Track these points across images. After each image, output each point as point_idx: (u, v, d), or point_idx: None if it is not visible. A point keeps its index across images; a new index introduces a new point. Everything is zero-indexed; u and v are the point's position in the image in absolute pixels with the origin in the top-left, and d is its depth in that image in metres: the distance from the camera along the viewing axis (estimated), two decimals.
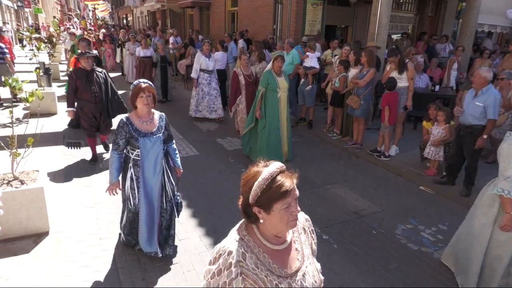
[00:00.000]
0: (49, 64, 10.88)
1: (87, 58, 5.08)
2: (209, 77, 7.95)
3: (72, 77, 5.12)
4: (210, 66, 7.92)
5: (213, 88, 8.01)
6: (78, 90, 5.11)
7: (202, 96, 7.99)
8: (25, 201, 3.58)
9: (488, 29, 12.39)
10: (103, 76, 5.30)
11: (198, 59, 7.93)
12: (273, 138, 5.70)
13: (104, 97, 5.30)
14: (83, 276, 3.18)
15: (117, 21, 40.55)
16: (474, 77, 4.55)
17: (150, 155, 3.13)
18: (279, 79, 5.59)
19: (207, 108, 8.02)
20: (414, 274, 3.42)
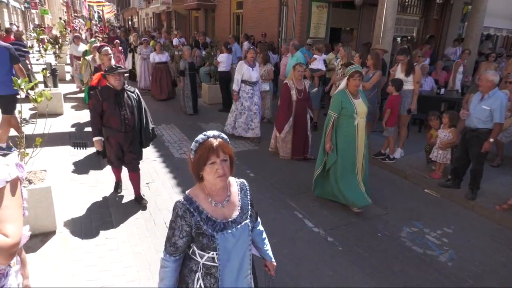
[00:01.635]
0: (56, 65, 10.98)
1: (118, 75, 3.96)
2: (251, 89, 6.89)
3: (98, 98, 4.01)
4: (253, 77, 6.84)
5: (254, 103, 6.93)
6: (104, 115, 4.05)
7: (241, 111, 6.95)
8: (33, 200, 3.62)
9: (494, 32, 12.35)
10: (135, 98, 4.19)
11: (240, 68, 6.84)
12: (348, 175, 4.49)
13: (137, 125, 4.22)
14: (90, 275, 3.21)
15: (122, 22, 40.80)
16: (481, 80, 4.55)
17: (233, 256, 1.83)
18: (356, 102, 4.36)
19: (244, 125, 6.99)
20: (418, 277, 3.42)
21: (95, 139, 4.19)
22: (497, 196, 4.94)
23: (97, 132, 4.17)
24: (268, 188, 5.12)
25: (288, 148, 6.12)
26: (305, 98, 5.99)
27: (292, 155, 6.14)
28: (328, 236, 4.02)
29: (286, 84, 5.96)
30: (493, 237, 4.18)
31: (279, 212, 4.50)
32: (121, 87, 4.04)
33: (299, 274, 3.37)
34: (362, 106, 4.41)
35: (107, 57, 5.46)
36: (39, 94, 3.92)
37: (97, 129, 4.16)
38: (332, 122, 4.44)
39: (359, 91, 4.46)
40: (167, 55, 10.49)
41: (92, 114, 4.13)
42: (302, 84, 6.00)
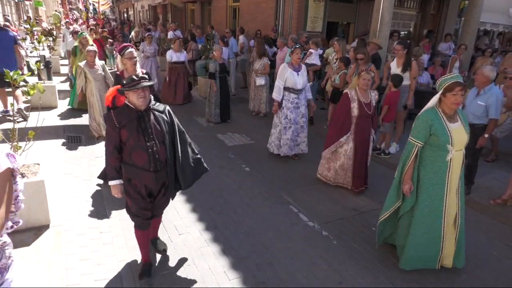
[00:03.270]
0: (50, 57, 10.86)
1: (142, 90, 2.77)
2: (296, 98, 5.57)
3: (113, 124, 2.79)
4: (299, 83, 5.50)
5: (301, 115, 5.67)
6: (124, 148, 2.85)
7: (286, 125, 5.64)
8: (26, 194, 3.56)
9: (491, 28, 12.37)
10: (166, 119, 2.96)
11: (282, 73, 5.50)
12: (428, 228, 3.29)
13: (171, 158, 2.97)
14: (84, 270, 3.20)
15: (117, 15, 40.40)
16: (477, 75, 4.55)
17: None
18: (453, 127, 3.11)
19: (290, 142, 5.70)
20: (413, 271, 3.43)
21: (112, 184, 2.92)
22: (491, 191, 4.98)
23: (114, 173, 2.90)
24: (263, 183, 5.12)
25: (348, 177, 4.88)
26: (370, 114, 4.66)
27: (352, 185, 4.89)
28: (323, 230, 4.03)
29: (346, 94, 4.71)
30: (487, 232, 4.21)
31: (274, 207, 4.50)
32: (146, 107, 2.83)
33: (294, 268, 3.38)
34: (461, 133, 3.11)
35: (131, 61, 4.22)
36: (32, 86, 3.88)
37: (114, 169, 2.89)
38: (415, 154, 3.20)
39: (458, 111, 3.19)
40: (185, 53, 9.38)
41: (106, 147, 2.87)
42: (368, 96, 4.68)
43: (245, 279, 3.21)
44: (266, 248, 3.66)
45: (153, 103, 2.94)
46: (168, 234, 3.80)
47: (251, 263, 3.43)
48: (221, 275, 3.25)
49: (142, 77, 2.77)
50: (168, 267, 3.32)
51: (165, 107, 3.01)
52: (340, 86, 6.79)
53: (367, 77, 4.58)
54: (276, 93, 5.61)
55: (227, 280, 3.19)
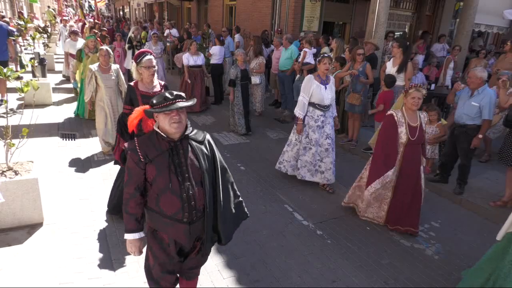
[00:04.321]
0: (44, 54, 10.77)
1: (177, 114, 2.08)
2: (322, 116, 4.79)
3: (137, 157, 2.11)
4: (326, 99, 4.72)
5: (326, 135, 4.84)
6: (150, 189, 2.17)
7: (306, 145, 4.86)
8: (19, 191, 3.56)
9: (485, 29, 12.47)
10: (206, 152, 2.26)
11: (308, 86, 4.71)
12: None
13: (209, 203, 2.21)
14: (77, 268, 3.18)
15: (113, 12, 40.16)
16: (469, 77, 4.58)
17: None
18: None
19: (310, 165, 4.89)
20: (406, 270, 3.46)
21: (129, 239, 2.19)
22: (484, 191, 5.03)
23: (133, 224, 2.18)
24: (258, 182, 5.12)
25: (383, 210, 4.12)
26: (419, 140, 3.88)
27: (386, 221, 4.13)
28: (317, 230, 4.04)
29: (391, 116, 3.86)
30: (480, 231, 4.25)
31: (269, 205, 4.50)
32: (181, 135, 2.15)
33: (288, 267, 3.39)
34: None
35: (149, 71, 3.48)
36: (26, 84, 3.85)
37: (133, 219, 2.17)
38: None
39: None
40: (203, 56, 8.60)
41: (126, 187, 2.14)
42: (416, 118, 3.86)
43: (239, 278, 3.22)
44: (260, 246, 3.67)
45: (190, 130, 2.22)
46: None
47: (245, 261, 3.43)
48: (216, 274, 3.25)
49: (178, 95, 2.08)
50: None
51: (205, 136, 2.31)
52: (336, 87, 6.80)
53: (417, 95, 3.73)
54: (299, 109, 4.79)
55: (221, 279, 3.20)
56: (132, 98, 3.57)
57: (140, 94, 3.54)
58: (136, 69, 3.51)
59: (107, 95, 5.41)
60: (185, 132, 2.18)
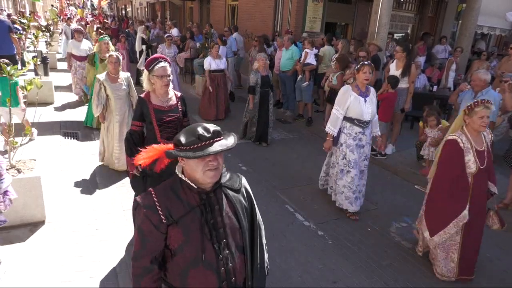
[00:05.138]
0: (47, 53, 10.80)
1: (215, 159, 1.53)
2: (361, 133, 4.15)
3: (156, 216, 1.52)
4: (366, 113, 4.06)
5: (364, 156, 4.25)
6: (169, 260, 1.60)
7: (343, 167, 4.20)
8: (22, 189, 3.57)
9: (488, 31, 12.46)
10: (245, 204, 1.75)
11: (343, 98, 4.09)
12: None
13: (254, 277, 1.71)
14: (79, 266, 3.19)
15: (115, 12, 40.20)
16: (473, 80, 4.58)
17: None
18: None
19: (348, 191, 4.20)
20: (406, 271, 3.47)
21: None
22: None
23: None
24: (260, 182, 5.13)
25: (452, 261, 3.27)
26: (488, 166, 3.23)
27: (459, 274, 3.30)
28: (318, 230, 4.05)
29: (455, 143, 3.12)
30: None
31: (271, 206, 4.51)
32: (214, 184, 1.61)
33: (289, 267, 3.40)
34: None
35: (162, 80, 3.00)
36: (29, 82, 3.87)
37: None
38: None
39: None
40: (225, 60, 8.04)
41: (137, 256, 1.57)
42: (482, 140, 3.19)
43: None
44: None
45: (224, 173, 1.69)
46: None
47: None
48: None
49: (216, 131, 1.55)
50: None
51: (241, 181, 1.76)
52: (337, 87, 6.81)
53: (486, 114, 3.01)
54: (331, 125, 4.14)
55: None
56: (144, 113, 3.05)
57: (153, 108, 3.03)
58: (147, 78, 3.02)
59: (117, 107, 4.85)
60: (220, 179, 1.61)
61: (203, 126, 1.54)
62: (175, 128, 3.08)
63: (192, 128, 1.54)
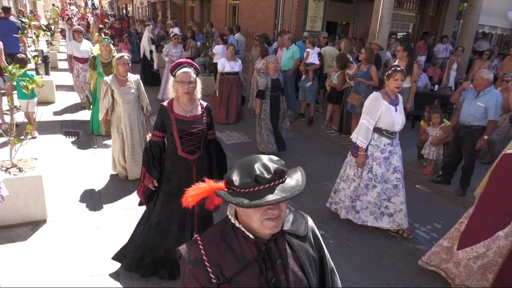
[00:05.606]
0: (48, 52, 10.81)
1: (278, 207, 1.19)
2: (390, 144, 3.85)
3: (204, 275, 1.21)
4: (397, 124, 3.79)
5: (393, 169, 3.88)
6: None
7: (368, 182, 3.89)
8: (23, 188, 3.59)
9: (489, 30, 12.43)
10: (312, 253, 1.43)
11: (374, 107, 3.75)
12: None
13: None
14: (81, 265, 3.20)
15: (116, 11, 40.21)
16: (476, 80, 4.56)
17: None
18: None
19: (374, 207, 3.91)
20: (408, 271, 3.46)
21: None
22: None
23: None
24: None
25: (486, 280, 2.97)
26: None
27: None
28: (319, 229, 4.02)
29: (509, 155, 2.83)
30: None
31: None
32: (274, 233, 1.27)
33: None
34: None
35: (183, 87, 2.74)
36: (30, 81, 3.87)
37: None
38: None
39: None
40: (241, 62, 7.71)
41: None
42: None
43: None
44: None
45: (287, 215, 1.40)
46: None
47: None
48: None
49: (279, 170, 1.21)
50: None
51: (306, 223, 1.49)
52: (338, 86, 6.82)
53: None
54: (362, 137, 3.79)
55: None
56: (165, 123, 2.81)
57: (174, 117, 2.78)
58: (172, 85, 2.80)
59: (125, 112, 4.53)
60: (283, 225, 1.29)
61: (262, 163, 1.21)
62: (198, 141, 2.85)
63: (248, 165, 1.22)
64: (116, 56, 4.56)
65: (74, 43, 7.80)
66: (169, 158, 2.85)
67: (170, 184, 2.87)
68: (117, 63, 4.46)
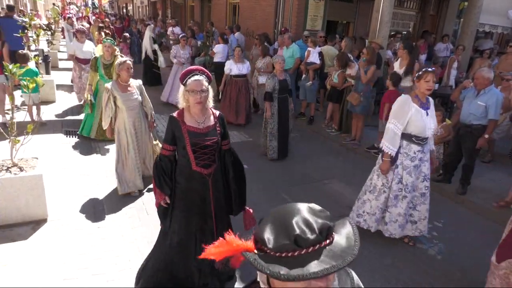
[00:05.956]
0: (48, 51, 10.81)
1: (325, 280, 0.93)
2: (421, 151, 3.53)
3: None
4: (429, 129, 3.48)
5: (422, 176, 3.61)
6: None
7: (398, 193, 3.61)
8: (24, 188, 3.59)
9: (489, 29, 12.42)
10: None
11: (403, 110, 3.44)
12: None
13: None
14: (81, 264, 3.20)
15: (117, 10, 40.19)
16: (476, 79, 4.56)
17: None
18: None
19: (402, 219, 3.66)
20: (408, 270, 3.47)
21: None
22: (487, 192, 5.02)
23: None
24: (261, 180, 5.13)
25: None
26: None
27: None
28: None
29: None
30: (482, 232, 4.24)
31: (272, 204, 4.51)
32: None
33: None
34: None
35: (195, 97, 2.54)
36: (31, 80, 3.87)
37: None
38: None
39: None
40: (248, 64, 7.51)
41: None
42: None
43: (241, 277, 3.23)
44: None
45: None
46: None
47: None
48: None
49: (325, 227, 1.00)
50: None
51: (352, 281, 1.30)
52: (338, 85, 6.81)
53: None
54: (388, 142, 3.50)
55: None
56: (176, 135, 2.62)
57: (186, 130, 2.58)
58: (183, 94, 2.59)
59: (129, 119, 4.28)
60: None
61: (303, 219, 0.97)
62: (212, 154, 2.68)
63: (284, 219, 0.97)
64: (118, 61, 4.22)
65: (76, 44, 7.61)
66: (183, 174, 2.67)
67: (185, 201, 2.71)
68: (120, 68, 4.15)
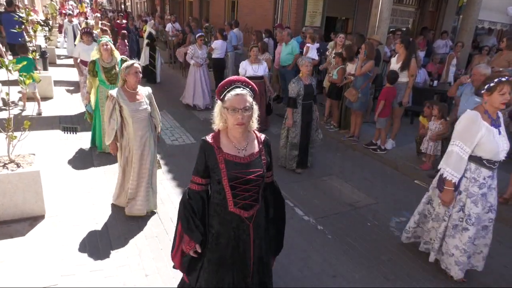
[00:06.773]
0: (46, 47, 10.75)
1: None
2: (490, 178, 3.06)
3: None
4: (503, 151, 2.96)
5: (488, 207, 3.10)
6: None
7: (459, 223, 3.11)
8: (21, 184, 3.58)
9: (488, 26, 12.41)
10: None
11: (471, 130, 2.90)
12: None
13: None
14: (79, 260, 3.20)
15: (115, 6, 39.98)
16: (473, 74, 4.56)
17: None
18: None
19: (461, 253, 3.12)
20: (406, 266, 3.47)
21: None
22: None
23: None
24: None
25: None
26: None
27: None
28: (318, 225, 4.05)
29: None
30: None
31: None
32: None
33: (289, 262, 3.40)
34: None
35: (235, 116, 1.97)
36: (28, 76, 3.85)
37: None
38: None
39: None
40: (266, 65, 6.80)
41: None
42: None
43: None
44: None
45: None
46: (164, 226, 3.81)
47: None
48: None
49: None
50: (163, 257, 3.33)
51: None
52: (338, 82, 6.80)
53: None
54: (452, 169, 2.96)
55: None
56: (210, 166, 2.06)
57: (224, 159, 2.02)
58: (219, 112, 2.04)
59: (137, 133, 3.64)
60: None
61: None
62: (256, 191, 2.09)
63: None
64: (124, 65, 3.57)
65: (82, 45, 6.85)
66: (217, 215, 2.11)
67: (218, 250, 2.14)
68: (127, 72, 3.51)
